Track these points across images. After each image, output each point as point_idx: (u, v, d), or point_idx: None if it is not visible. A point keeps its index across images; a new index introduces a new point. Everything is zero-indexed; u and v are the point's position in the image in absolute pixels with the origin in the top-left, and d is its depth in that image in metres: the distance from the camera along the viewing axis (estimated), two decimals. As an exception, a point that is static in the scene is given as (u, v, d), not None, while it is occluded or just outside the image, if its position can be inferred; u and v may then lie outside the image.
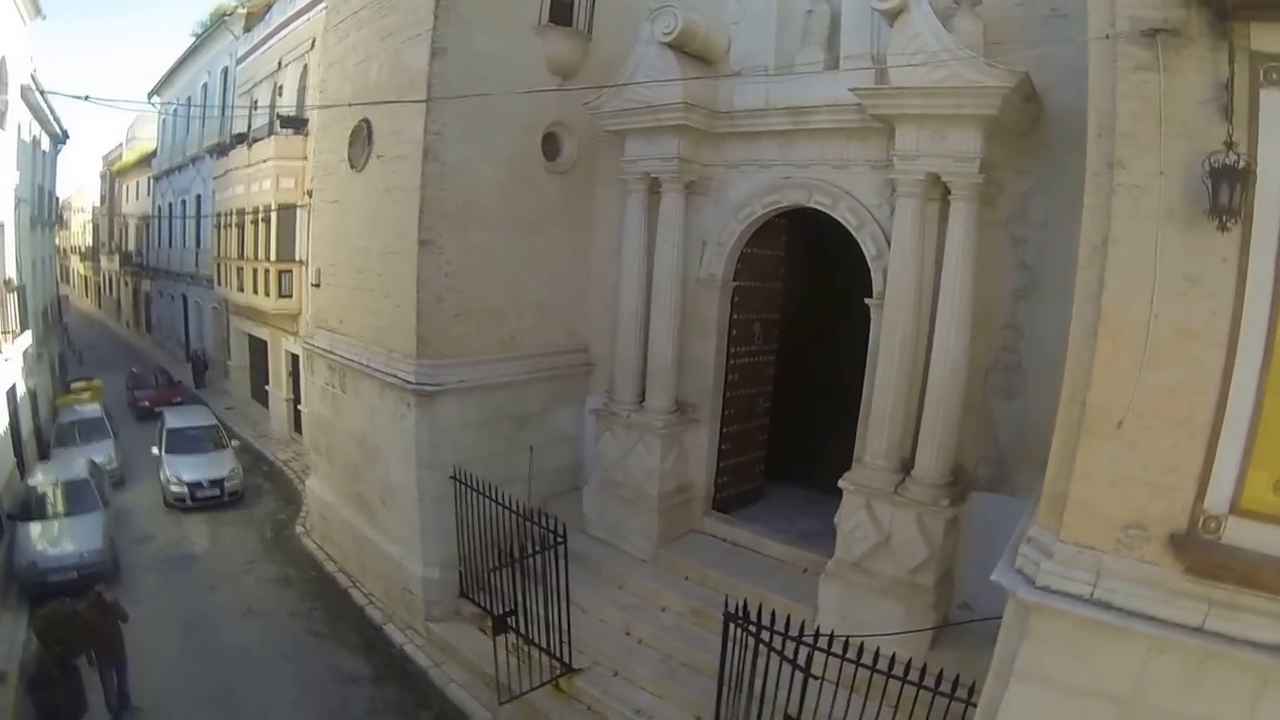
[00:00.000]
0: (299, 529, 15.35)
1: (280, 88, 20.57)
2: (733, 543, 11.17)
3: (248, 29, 23.75)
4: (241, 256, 21.02)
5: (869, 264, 9.50)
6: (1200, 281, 4.61)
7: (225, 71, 25.99)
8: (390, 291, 11.13)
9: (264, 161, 19.54)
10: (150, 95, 33.53)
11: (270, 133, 19.77)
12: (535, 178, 11.56)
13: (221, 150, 23.29)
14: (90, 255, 48.85)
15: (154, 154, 33.94)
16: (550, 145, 11.82)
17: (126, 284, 41.16)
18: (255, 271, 20.08)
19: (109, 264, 43.07)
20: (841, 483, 9.11)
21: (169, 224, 31.86)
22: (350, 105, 11.51)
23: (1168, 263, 4.68)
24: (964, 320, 8.34)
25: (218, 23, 26.30)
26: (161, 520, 16.22)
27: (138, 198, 37.77)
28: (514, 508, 9.68)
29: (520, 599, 9.51)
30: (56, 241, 34.02)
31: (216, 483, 16.81)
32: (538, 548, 9.13)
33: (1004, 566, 5.58)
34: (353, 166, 12.08)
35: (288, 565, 13.93)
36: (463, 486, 10.47)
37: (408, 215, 10.56)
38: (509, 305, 11.54)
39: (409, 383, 10.67)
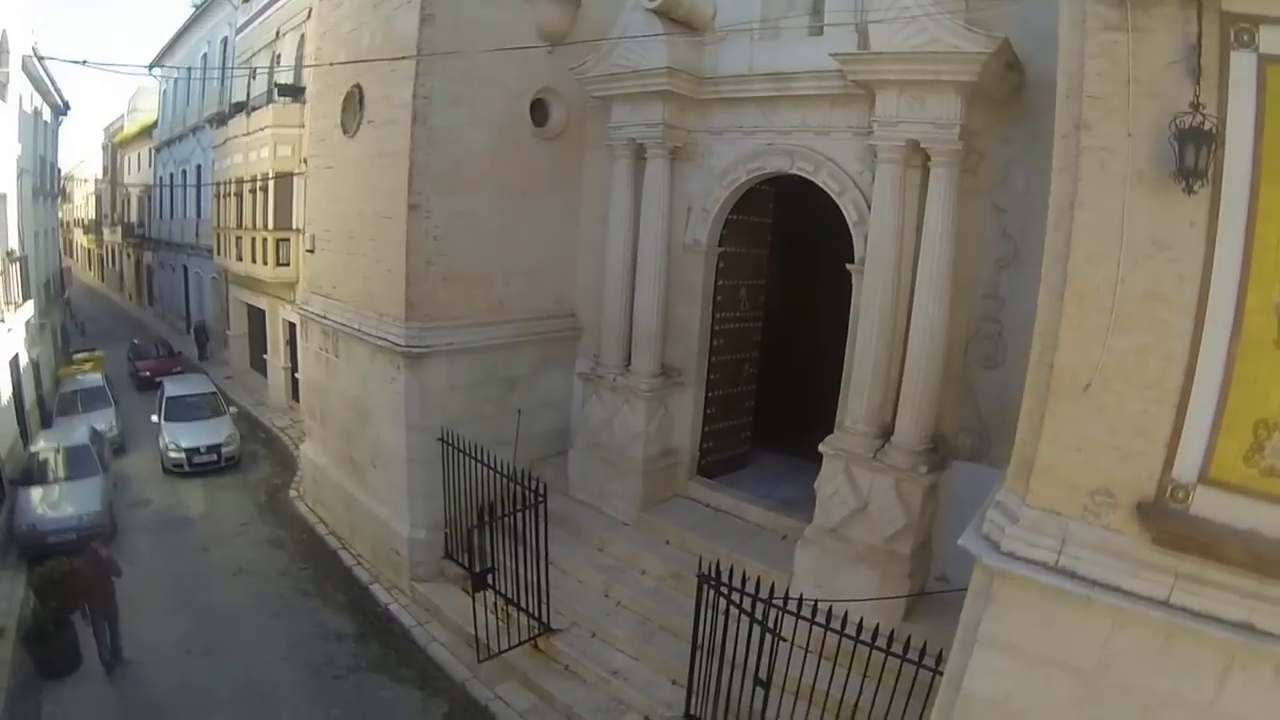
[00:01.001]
0: (293, 493, 15.56)
1: (278, 57, 20.57)
2: (714, 508, 11.30)
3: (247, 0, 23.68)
4: (240, 226, 21.07)
5: (851, 230, 9.53)
6: (1168, 245, 4.54)
7: (225, 41, 25.95)
8: (381, 256, 11.22)
9: (262, 129, 19.56)
10: (151, 66, 33.40)
11: (268, 101, 19.78)
12: (524, 144, 11.61)
13: (221, 119, 23.29)
14: (93, 228, 48.82)
15: (155, 125, 33.87)
16: (539, 111, 11.85)
17: (129, 256, 41.28)
18: (253, 240, 20.15)
19: (111, 236, 43.10)
20: (822, 447, 9.16)
21: (169, 195, 31.90)
22: (330, 65, 11.51)
23: (1135, 226, 4.61)
24: (944, 287, 8.38)
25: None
26: (159, 485, 16.49)
27: (139, 169, 37.77)
28: (499, 468, 9.82)
29: (501, 559, 9.67)
30: (59, 214, 34.11)
31: (214, 448, 17.05)
32: (519, 506, 9.27)
33: (971, 532, 5.53)
34: (345, 132, 12.14)
35: (280, 528, 14.15)
36: (450, 448, 10.63)
37: (397, 180, 10.63)
38: (497, 270, 11.64)
39: (398, 345, 10.79)
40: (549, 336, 12.50)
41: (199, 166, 27.50)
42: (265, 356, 22.43)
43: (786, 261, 12.61)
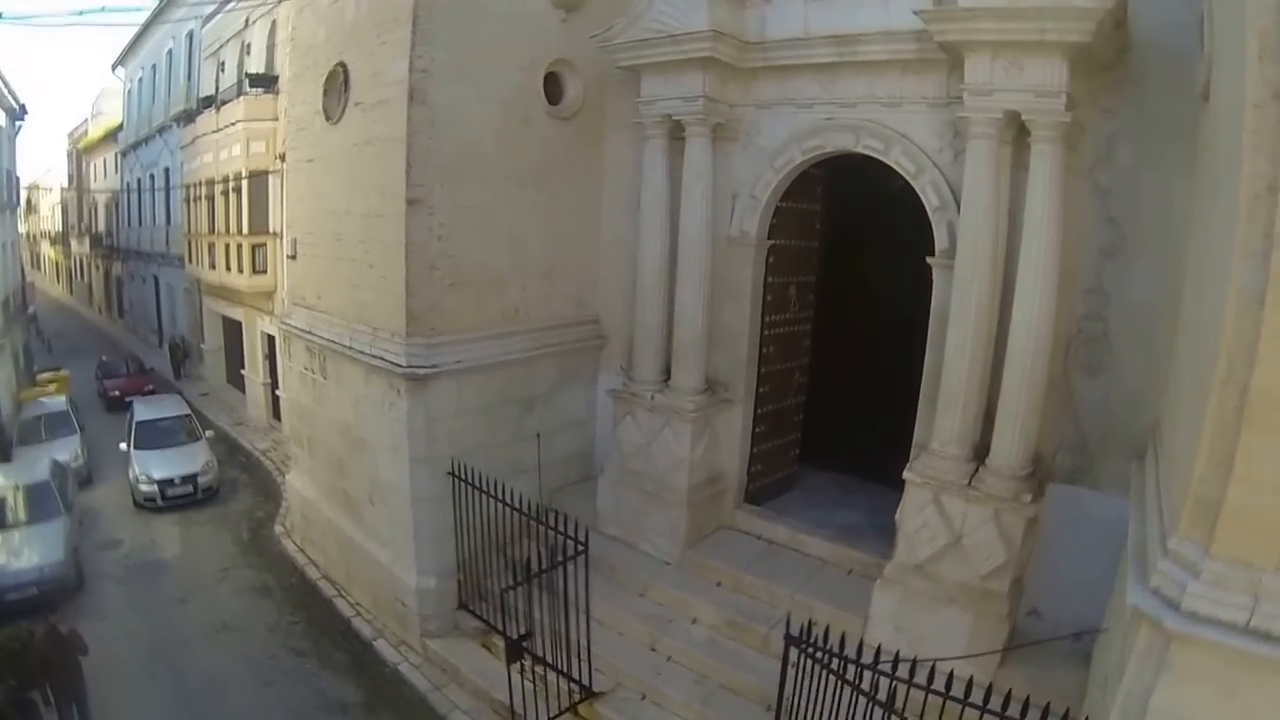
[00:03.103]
0: (278, 528, 13.99)
1: (248, 46, 18.93)
2: (769, 540, 9.86)
3: (213, -14, 22.01)
4: (212, 231, 19.54)
5: (930, 217, 8.19)
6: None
7: (190, 35, 24.17)
8: (374, 260, 9.65)
9: (233, 125, 18.05)
10: (114, 66, 31.78)
11: (239, 93, 18.15)
12: (536, 125, 10.04)
13: (188, 117, 21.72)
14: (60, 239, 46.81)
15: (120, 127, 32.06)
16: (552, 87, 10.27)
17: (97, 267, 39.21)
18: (227, 247, 18.62)
19: (79, 247, 41.04)
20: (907, 474, 7.87)
21: (137, 201, 30.09)
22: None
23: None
24: (1050, 282, 7.11)
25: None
26: (130, 522, 14.92)
27: (105, 176, 35.86)
28: (523, 508, 8.33)
29: (529, 611, 8.19)
30: (24, 227, 32.39)
31: (189, 479, 15.46)
32: (558, 559, 7.75)
33: (1137, 586, 4.53)
34: (328, 118, 10.56)
35: (266, 571, 12.57)
36: (462, 483, 9.13)
37: (392, 170, 9.06)
38: (512, 272, 10.08)
39: (398, 365, 9.20)
40: (570, 347, 10.94)
41: (167, 169, 25.78)
42: (243, 372, 20.80)
43: (830, 252, 11.19)
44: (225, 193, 18.68)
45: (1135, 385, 7.32)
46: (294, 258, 12.06)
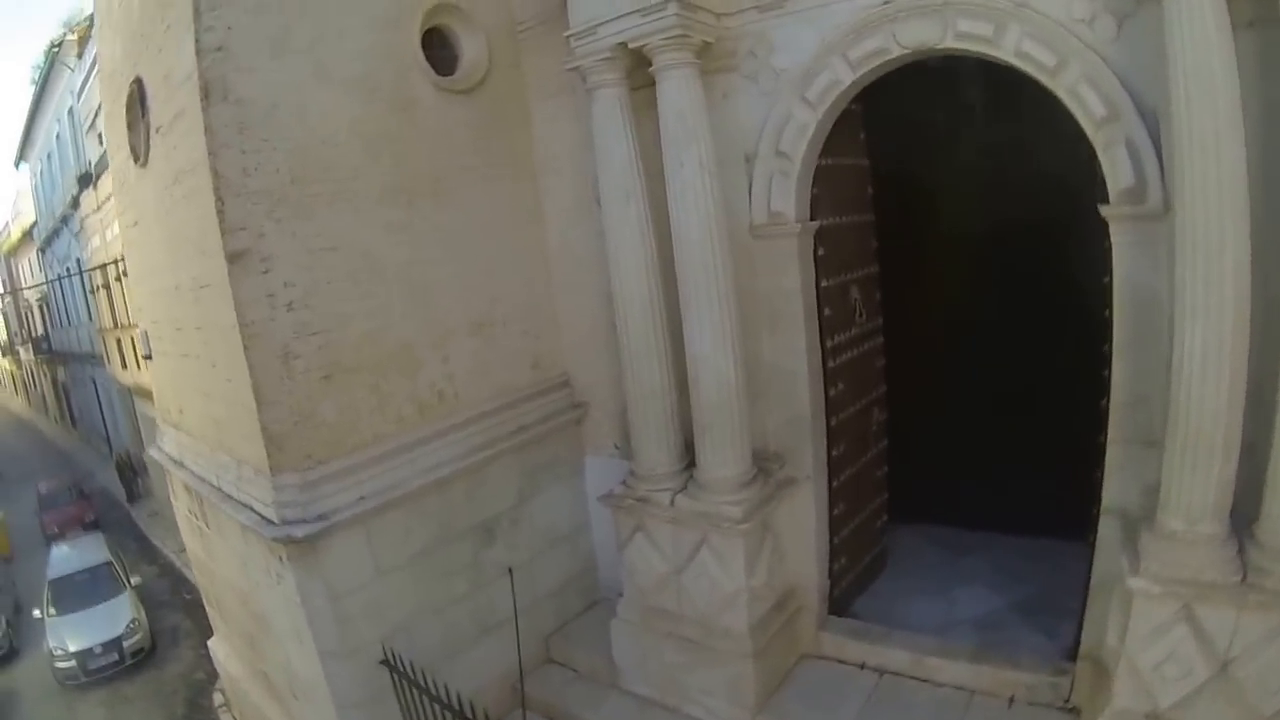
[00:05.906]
0: (218, 697, 10.77)
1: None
2: (877, 669, 6.37)
3: (81, 55, 19.04)
4: (115, 325, 16.44)
5: (1090, 138, 4.79)
6: None
7: (71, 111, 21.15)
8: (216, 356, 6.26)
9: (107, 200, 14.92)
10: (16, 162, 29.07)
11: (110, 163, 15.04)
12: (422, 106, 6.52)
13: (75, 201, 18.69)
14: (9, 349, 44.03)
15: (35, 224, 29.21)
16: (441, 49, 6.80)
17: (45, 374, 36.46)
18: (132, 340, 15.42)
19: (26, 355, 38.25)
20: (1135, 582, 4.53)
21: (62, 298, 27.23)
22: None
23: None
24: None
25: (51, 57, 21.51)
26: (51, 707, 12.02)
27: (32, 276, 33.05)
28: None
29: None
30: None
31: (112, 644, 12.47)
32: None
33: None
34: (137, 159, 7.26)
35: (200, 776, 9.38)
36: (403, 680, 5.80)
37: (204, 214, 5.69)
38: (420, 336, 6.52)
39: (269, 522, 5.79)
40: (535, 433, 7.30)
41: (78, 260, 22.72)
42: (184, 485, 17.59)
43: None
44: (119, 278, 15.55)
45: None
46: (149, 358, 8.75)
